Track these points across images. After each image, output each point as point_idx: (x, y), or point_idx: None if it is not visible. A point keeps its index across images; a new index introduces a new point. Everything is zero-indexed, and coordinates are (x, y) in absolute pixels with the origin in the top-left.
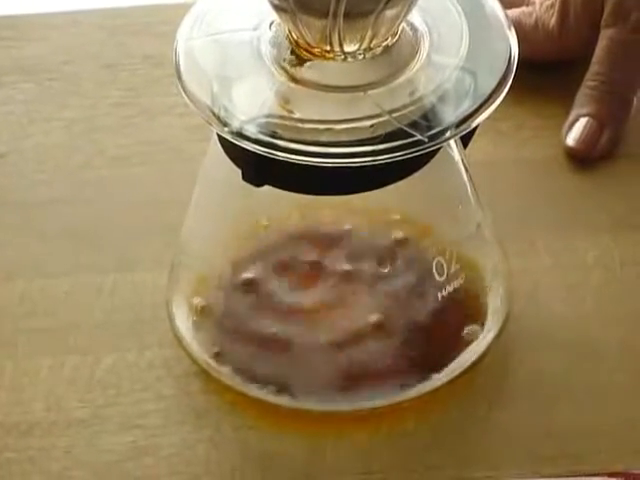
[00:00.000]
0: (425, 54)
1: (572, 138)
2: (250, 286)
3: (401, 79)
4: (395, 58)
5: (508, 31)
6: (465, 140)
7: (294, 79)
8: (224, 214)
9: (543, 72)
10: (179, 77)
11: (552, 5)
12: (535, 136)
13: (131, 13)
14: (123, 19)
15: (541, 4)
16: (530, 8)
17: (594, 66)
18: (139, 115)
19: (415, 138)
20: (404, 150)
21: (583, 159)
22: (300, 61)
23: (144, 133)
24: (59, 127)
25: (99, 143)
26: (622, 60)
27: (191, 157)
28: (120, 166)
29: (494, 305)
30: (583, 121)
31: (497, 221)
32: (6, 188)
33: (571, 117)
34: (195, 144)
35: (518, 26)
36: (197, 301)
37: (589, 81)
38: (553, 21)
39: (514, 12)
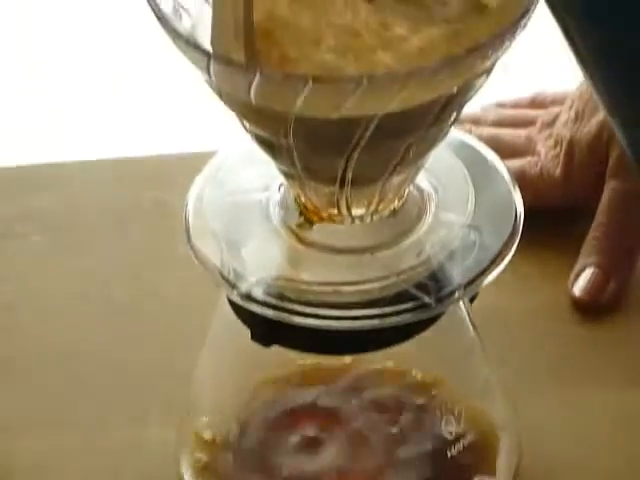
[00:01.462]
0: (432, 215)
1: (578, 288)
2: (257, 448)
3: (408, 240)
4: (402, 220)
5: (512, 189)
6: (472, 297)
7: (302, 241)
8: (233, 371)
9: (549, 221)
10: (189, 238)
11: (557, 155)
12: (541, 286)
13: (139, 163)
14: (132, 169)
15: (546, 154)
16: (535, 158)
17: (599, 216)
18: (149, 266)
19: (423, 301)
20: (412, 313)
21: (590, 309)
22: (308, 223)
23: (154, 284)
24: (68, 278)
25: (109, 294)
26: (627, 211)
27: (201, 308)
28: (129, 317)
29: (503, 458)
30: (589, 271)
31: (505, 373)
32: (14, 341)
33: (577, 267)
34: (205, 295)
35: (524, 175)
36: (204, 460)
37: (594, 231)
38: (558, 171)
39: (519, 162)
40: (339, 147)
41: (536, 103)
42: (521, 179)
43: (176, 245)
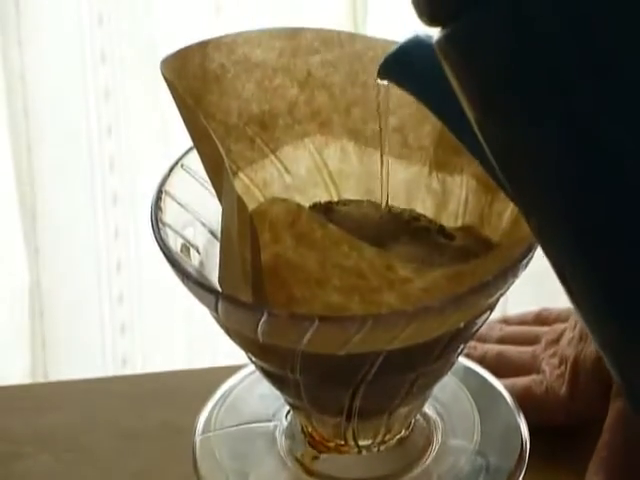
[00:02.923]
0: (439, 443)
1: None
2: None
3: (416, 471)
4: (410, 449)
5: (517, 416)
6: None
7: (309, 471)
8: None
9: (554, 439)
10: (196, 468)
11: (562, 374)
12: None
13: (150, 379)
14: (142, 385)
15: (551, 372)
16: (540, 376)
17: (605, 435)
18: None
19: None
20: None
21: None
22: (315, 453)
23: None
24: None
25: None
26: (632, 432)
27: None
28: None
29: None
30: None
31: None
32: None
33: None
34: None
35: (529, 394)
36: None
37: (601, 450)
38: (564, 390)
39: (524, 380)
40: (346, 381)
41: (541, 320)
42: (527, 398)
43: (184, 465)
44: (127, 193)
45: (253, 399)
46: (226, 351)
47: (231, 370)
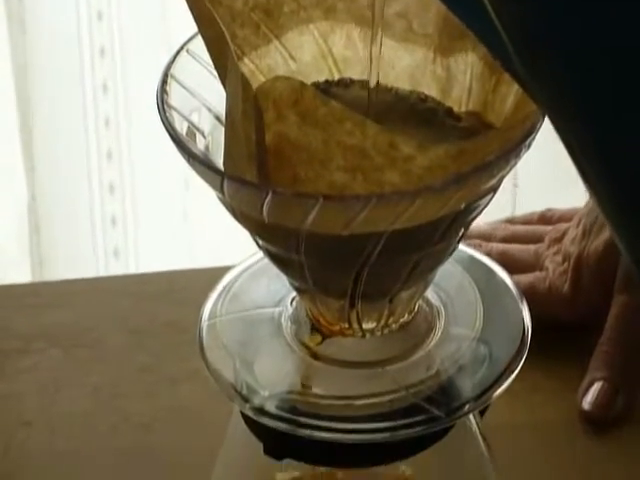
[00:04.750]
0: (441, 329)
1: (587, 402)
2: None
3: (418, 354)
4: (412, 334)
5: (521, 304)
6: (482, 410)
7: (314, 355)
8: None
9: (557, 335)
10: (203, 354)
11: (565, 271)
12: (550, 399)
13: (154, 279)
14: (146, 285)
15: (554, 270)
16: (544, 273)
17: (607, 331)
18: (162, 381)
19: (433, 414)
20: (422, 426)
21: (599, 423)
22: (320, 338)
23: (167, 399)
24: (84, 393)
25: (124, 410)
26: (635, 326)
27: (213, 423)
28: (144, 432)
29: None
30: (598, 385)
31: None
32: (33, 456)
33: (586, 381)
34: (217, 409)
35: (532, 290)
36: None
37: (603, 346)
38: (566, 287)
39: (528, 277)
40: (349, 263)
41: (545, 219)
42: (530, 295)
43: (189, 361)
44: (119, 81)
45: (258, 287)
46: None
47: None
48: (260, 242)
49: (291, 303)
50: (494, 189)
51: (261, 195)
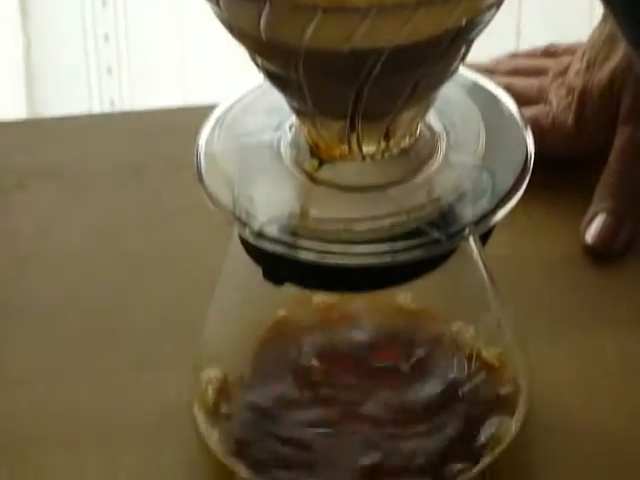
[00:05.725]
0: (443, 154)
1: (591, 235)
2: (270, 387)
3: (419, 179)
4: (413, 158)
5: (524, 130)
6: (484, 238)
7: (313, 180)
8: (246, 312)
9: (561, 168)
10: (201, 180)
11: (569, 104)
12: (553, 231)
13: (152, 115)
14: (144, 121)
15: (558, 104)
16: (547, 107)
17: (611, 163)
18: (161, 216)
19: (433, 237)
20: (423, 249)
21: (602, 255)
22: (319, 162)
23: (165, 234)
24: (80, 230)
25: (120, 245)
26: (639, 157)
27: (213, 256)
28: (142, 267)
29: (514, 400)
30: (602, 218)
31: (517, 317)
32: (27, 292)
33: (589, 213)
34: (216, 243)
35: (535, 125)
36: (219, 401)
37: (607, 177)
38: (570, 120)
39: (531, 110)
40: (349, 81)
41: (549, 53)
42: (533, 128)
43: (188, 197)
44: None
45: (256, 114)
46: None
47: None
48: (259, 62)
49: (290, 129)
50: (497, 4)
51: (258, 7)
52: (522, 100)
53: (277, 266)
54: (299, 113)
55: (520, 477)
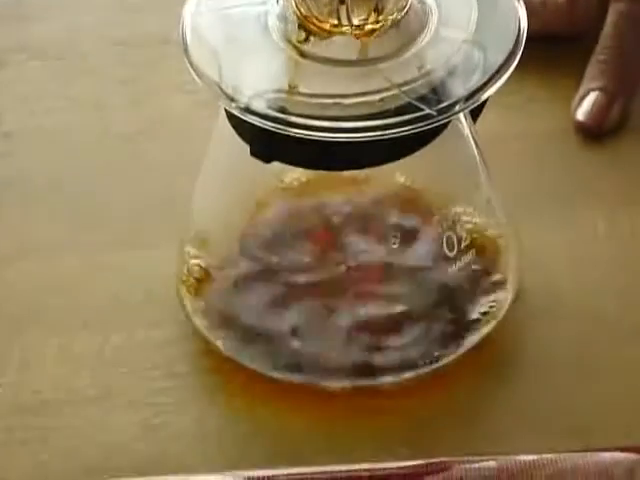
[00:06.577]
0: (434, 28)
1: (582, 112)
2: (259, 261)
3: (410, 53)
4: (404, 32)
5: (517, 4)
6: (474, 114)
7: (302, 54)
8: (233, 188)
9: (553, 45)
10: (186, 53)
11: None
12: (544, 109)
13: None
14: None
15: None
16: None
17: (604, 40)
18: (147, 92)
19: (424, 112)
20: (413, 124)
21: (593, 133)
22: (308, 36)
23: (152, 110)
24: (65, 106)
25: (106, 121)
26: (632, 34)
27: (199, 133)
28: (127, 143)
29: (504, 279)
30: (593, 95)
31: (507, 195)
32: (12, 167)
33: (581, 91)
34: (203, 120)
35: (528, 3)
36: (205, 279)
37: (599, 55)
38: None
39: None
40: None
41: None
42: (526, 3)
43: (174, 73)
44: None
45: None
46: None
47: None
48: None
49: (277, 1)
50: None
51: None
52: None
53: (265, 143)
54: None
55: (509, 357)
